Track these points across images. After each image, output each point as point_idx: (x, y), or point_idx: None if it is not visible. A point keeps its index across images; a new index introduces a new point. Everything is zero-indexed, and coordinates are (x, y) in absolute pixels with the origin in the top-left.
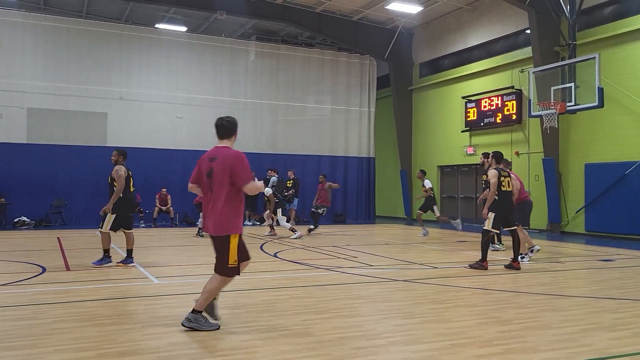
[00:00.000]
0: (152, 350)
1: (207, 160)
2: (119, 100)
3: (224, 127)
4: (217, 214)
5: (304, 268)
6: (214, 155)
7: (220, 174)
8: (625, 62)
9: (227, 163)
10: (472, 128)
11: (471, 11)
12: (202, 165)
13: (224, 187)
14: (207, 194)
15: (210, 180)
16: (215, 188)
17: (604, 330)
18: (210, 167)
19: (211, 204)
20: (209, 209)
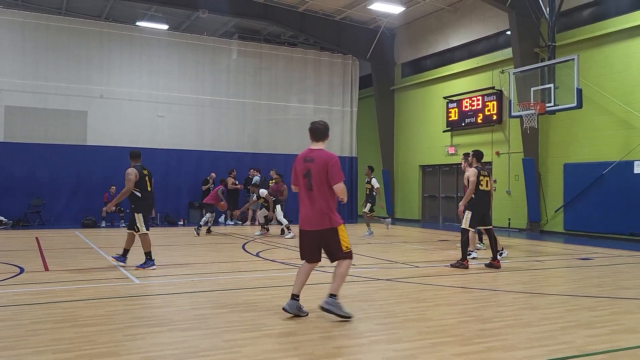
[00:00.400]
0: (133, 351)
1: (302, 162)
2: (99, 98)
3: (319, 130)
4: (320, 210)
5: (287, 268)
6: (310, 157)
7: (318, 174)
8: (603, 63)
9: (323, 164)
10: (453, 128)
11: (453, 12)
12: (298, 166)
13: (322, 186)
14: (306, 192)
15: (308, 180)
16: (314, 187)
17: (582, 327)
18: (307, 167)
19: (311, 201)
20: (309, 207)
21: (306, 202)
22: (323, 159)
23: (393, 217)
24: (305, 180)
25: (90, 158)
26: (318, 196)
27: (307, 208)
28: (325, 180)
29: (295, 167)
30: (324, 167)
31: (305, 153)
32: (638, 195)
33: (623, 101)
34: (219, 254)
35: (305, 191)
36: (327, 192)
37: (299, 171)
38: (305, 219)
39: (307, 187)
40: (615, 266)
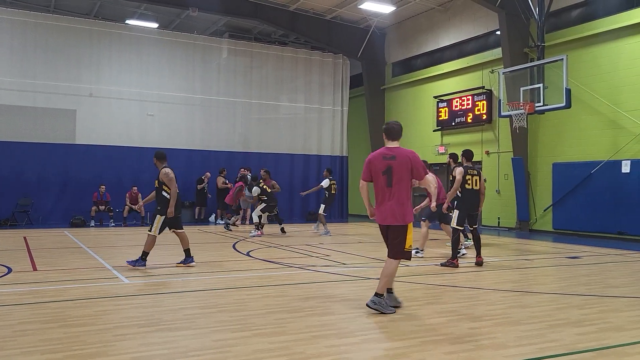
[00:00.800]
0: (123, 352)
1: (381, 159)
2: (88, 97)
3: (395, 130)
4: (399, 205)
5: (277, 267)
6: (389, 155)
7: (400, 171)
8: (592, 63)
9: (406, 160)
10: (443, 127)
11: (443, 12)
12: (376, 164)
13: (402, 182)
14: (384, 189)
15: (389, 176)
16: (395, 183)
17: (571, 325)
18: (388, 164)
19: (389, 197)
20: (387, 202)
21: (383, 198)
22: (406, 156)
23: None
24: (385, 177)
25: (79, 157)
26: (397, 192)
27: (384, 204)
28: (407, 176)
29: (372, 165)
30: (408, 163)
31: (384, 151)
32: (626, 194)
33: (611, 101)
34: (209, 253)
35: (383, 187)
36: (405, 188)
37: (378, 168)
38: (382, 215)
39: (387, 184)
40: (603, 265)
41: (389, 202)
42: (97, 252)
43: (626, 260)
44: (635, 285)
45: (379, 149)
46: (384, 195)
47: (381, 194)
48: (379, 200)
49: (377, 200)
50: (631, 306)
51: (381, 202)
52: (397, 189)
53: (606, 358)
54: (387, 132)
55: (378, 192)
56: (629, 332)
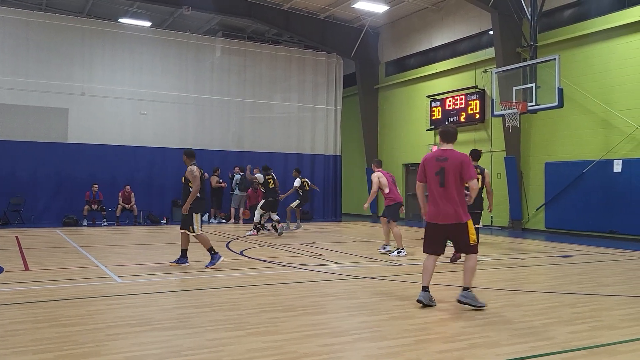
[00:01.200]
0: (115, 351)
1: (434, 161)
2: (80, 95)
3: (450, 133)
4: (453, 205)
5: (271, 266)
6: (442, 156)
7: (452, 172)
8: (584, 63)
9: (457, 163)
10: (436, 127)
11: (436, 11)
12: (429, 165)
13: (455, 183)
14: (437, 189)
15: (441, 177)
16: (447, 184)
17: (564, 324)
18: (440, 166)
19: (442, 197)
20: (440, 202)
21: (437, 198)
22: (458, 158)
23: (377, 215)
24: (437, 177)
25: (72, 156)
26: (450, 192)
27: (437, 203)
28: (459, 177)
29: (426, 165)
30: (459, 165)
31: (438, 153)
32: (617, 193)
33: (603, 101)
34: (202, 252)
35: (436, 188)
36: (458, 188)
37: (431, 169)
38: (436, 214)
39: (439, 184)
40: (595, 263)
41: (443, 202)
42: (89, 252)
43: (618, 259)
44: (626, 283)
45: (433, 151)
46: (437, 195)
47: (435, 194)
48: (433, 201)
49: (431, 201)
50: (623, 304)
51: (435, 202)
52: (449, 189)
53: (598, 356)
54: (443, 134)
55: (431, 193)
56: (620, 330)
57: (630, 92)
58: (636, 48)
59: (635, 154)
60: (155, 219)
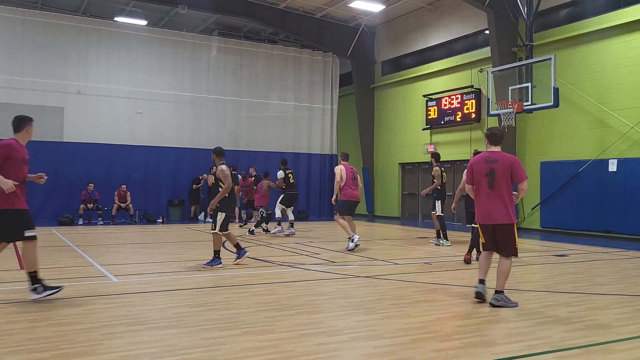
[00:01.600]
0: (111, 350)
1: (483, 162)
2: (76, 94)
3: (497, 136)
4: (503, 206)
5: (266, 265)
6: (492, 158)
7: (502, 173)
8: (579, 63)
9: (508, 164)
10: (432, 126)
11: (432, 11)
12: (479, 166)
13: (504, 184)
14: (486, 190)
15: (490, 178)
16: (497, 185)
17: (559, 323)
18: (490, 167)
19: (492, 198)
20: (490, 203)
21: (486, 198)
22: (508, 160)
23: (373, 214)
24: (487, 178)
25: (67, 155)
26: (499, 193)
27: (487, 204)
28: (509, 178)
29: (474, 167)
30: (510, 166)
31: (486, 155)
32: (612, 193)
33: (599, 100)
34: (198, 251)
35: (485, 189)
36: (507, 189)
37: (480, 170)
38: (486, 214)
39: (489, 185)
40: (590, 262)
41: (492, 203)
42: (85, 251)
43: (613, 258)
44: (621, 282)
45: (481, 153)
46: (486, 196)
47: (484, 194)
48: (481, 201)
49: (479, 201)
50: (618, 303)
51: (484, 203)
52: (498, 190)
53: (593, 355)
54: (490, 137)
55: (480, 194)
56: (615, 329)
57: (626, 91)
58: (632, 48)
59: (630, 154)
60: (151, 218)
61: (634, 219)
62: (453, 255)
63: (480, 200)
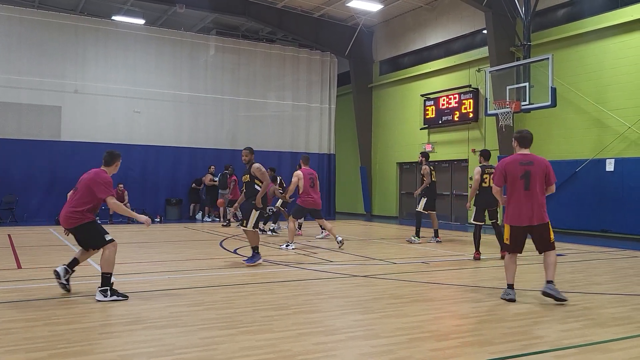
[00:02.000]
0: (108, 350)
1: (518, 165)
2: (73, 93)
3: (528, 139)
4: (539, 206)
5: (264, 264)
6: (527, 160)
7: (538, 175)
8: (577, 63)
9: (543, 166)
10: (430, 126)
11: (430, 10)
12: (513, 169)
13: (540, 185)
14: (521, 192)
15: (526, 180)
16: (532, 187)
17: (556, 322)
18: (525, 170)
19: (528, 199)
20: (526, 204)
21: (522, 200)
22: (543, 162)
23: (370, 214)
24: (522, 180)
25: (65, 154)
26: (536, 194)
27: (523, 205)
28: (543, 180)
29: (507, 170)
30: (545, 168)
31: (519, 157)
32: (610, 192)
33: (596, 100)
34: (195, 250)
35: (520, 191)
36: (542, 190)
37: (515, 173)
38: (521, 216)
39: (524, 187)
40: (587, 262)
41: (530, 204)
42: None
43: (610, 258)
44: (618, 282)
45: (513, 156)
46: (521, 197)
47: (519, 197)
48: (515, 203)
49: (512, 203)
50: (614, 303)
51: (518, 205)
52: (534, 191)
53: (590, 354)
54: (521, 140)
55: (515, 195)
56: (612, 328)
57: (623, 91)
58: (629, 48)
59: (627, 153)
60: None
61: (631, 218)
62: (450, 254)
63: (515, 202)
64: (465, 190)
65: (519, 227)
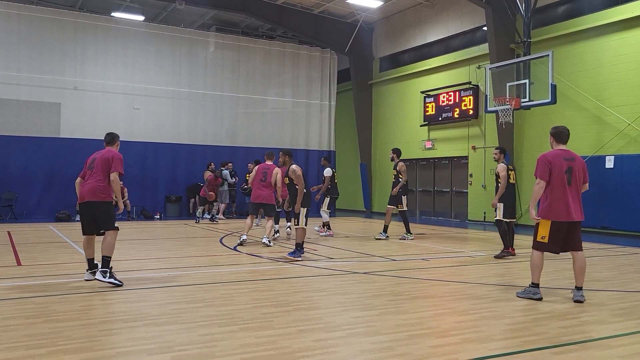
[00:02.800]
0: (108, 346)
1: (562, 160)
2: (73, 90)
3: (565, 134)
4: (579, 203)
5: (264, 261)
6: (570, 156)
7: (579, 171)
8: (577, 59)
9: (582, 163)
10: (430, 122)
11: (430, 7)
12: (557, 164)
13: (580, 182)
14: (564, 187)
15: (569, 176)
16: (573, 182)
17: (555, 319)
18: (569, 165)
19: (571, 195)
20: (570, 200)
21: (565, 195)
22: (581, 160)
23: (370, 211)
24: (566, 176)
25: (64, 151)
26: (576, 190)
27: (566, 201)
28: (582, 176)
29: (553, 164)
30: (583, 166)
31: (561, 153)
32: (609, 189)
33: (596, 97)
34: (195, 247)
35: (564, 186)
36: (581, 187)
37: (560, 168)
38: (565, 211)
39: (567, 182)
40: (587, 259)
41: (573, 200)
42: (82, 247)
43: (609, 255)
44: (618, 279)
45: (554, 151)
46: (564, 193)
47: (560, 191)
48: (557, 198)
49: (554, 198)
50: (614, 299)
51: (562, 200)
52: (575, 187)
53: (589, 350)
54: (558, 135)
55: (555, 190)
56: (611, 325)
57: (623, 88)
58: (629, 45)
59: (627, 150)
60: (148, 215)
61: (630, 215)
62: (450, 251)
63: (558, 197)
64: (466, 187)
65: (561, 223)
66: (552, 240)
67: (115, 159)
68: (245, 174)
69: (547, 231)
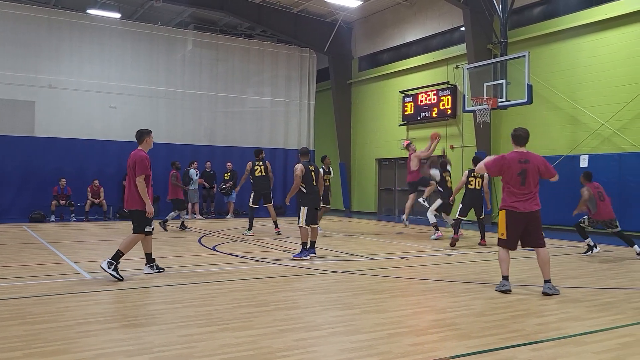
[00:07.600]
0: (86, 348)
1: (517, 163)
2: (47, 88)
3: (523, 137)
4: (535, 199)
5: (243, 261)
6: (523, 159)
7: (534, 172)
8: (552, 60)
9: (538, 163)
10: (409, 122)
11: (409, 7)
12: (512, 166)
13: (534, 181)
14: (518, 187)
15: (523, 177)
16: (528, 183)
17: (532, 316)
18: (522, 168)
19: (523, 194)
20: (526, 197)
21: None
22: (538, 159)
23: (349, 210)
24: (519, 177)
25: (39, 150)
26: (531, 190)
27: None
28: (537, 176)
29: (507, 165)
30: (541, 164)
31: (517, 156)
32: None
33: (571, 97)
34: (174, 248)
35: (517, 186)
36: (536, 185)
37: (513, 170)
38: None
39: (521, 183)
40: (562, 256)
41: (530, 198)
42: (57, 248)
43: (582, 252)
44: (592, 276)
45: (512, 153)
46: (517, 193)
47: (513, 191)
48: (510, 194)
49: (506, 194)
50: (589, 296)
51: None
52: (530, 187)
53: (565, 347)
54: (515, 138)
55: (509, 189)
56: (586, 321)
57: (597, 89)
58: (603, 46)
59: (600, 150)
60: (125, 215)
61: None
62: (429, 250)
63: (511, 193)
64: None
65: (515, 215)
66: (510, 236)
67: (137, 162)
68: (223, 173)
69: (504, 227)
